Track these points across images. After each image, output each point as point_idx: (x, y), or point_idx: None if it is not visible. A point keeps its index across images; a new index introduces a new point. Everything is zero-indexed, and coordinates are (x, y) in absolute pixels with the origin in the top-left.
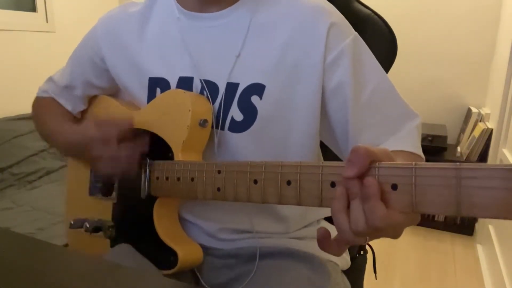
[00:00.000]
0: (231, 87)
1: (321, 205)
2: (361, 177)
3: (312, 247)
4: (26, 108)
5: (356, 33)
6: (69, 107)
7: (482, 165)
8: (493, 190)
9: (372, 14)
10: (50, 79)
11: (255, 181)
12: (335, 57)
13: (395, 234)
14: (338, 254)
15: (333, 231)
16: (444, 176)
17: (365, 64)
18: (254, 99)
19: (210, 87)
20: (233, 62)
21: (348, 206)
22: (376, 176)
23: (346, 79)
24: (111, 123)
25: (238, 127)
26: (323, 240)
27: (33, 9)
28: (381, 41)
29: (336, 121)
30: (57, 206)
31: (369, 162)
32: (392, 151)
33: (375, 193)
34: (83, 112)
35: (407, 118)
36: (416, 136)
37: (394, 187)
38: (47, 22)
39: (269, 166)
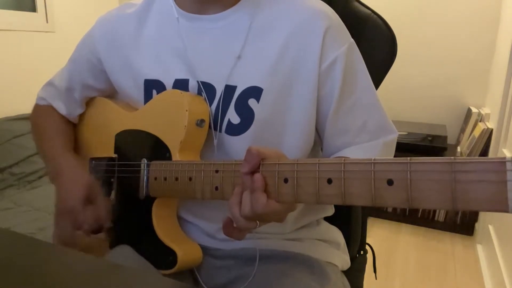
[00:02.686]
0: (229, 90)
1: (318, 202)
2: (253, 172)
3: (311, 249)
4: (26, 108)
5: (352, 40)
6: (64, 111)
7: (475, 159)
8: (487, 183)
9: (372, 14)
10: (49, 83)
11: None
12: (330, 64)
13: (278, 218)
14: (239, 238)
15: (332, 230)
16: (439, 171)
17: (355, 74)
18: (251, 102)
19: (207, 89)
20: (233, 64)
21: (241, 200)
22: (372, 172)
23: (335, 87)
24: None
25: (235, 130)
26: (226, 227)
27: (33, 9)
28: (381, 41)
29: (317, 123)
30: None
31: (259, 160)
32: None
33: (259, 186)
34: (81, 114)
35: (383, 132)
36: (379, 150)
37: (390, 182)
38: (47, 22)
39: (266, 165)
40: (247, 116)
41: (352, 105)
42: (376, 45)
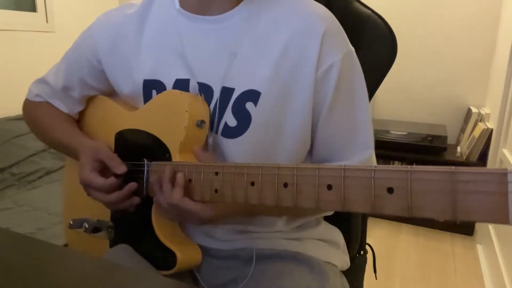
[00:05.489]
0: (226, 92)
1: (317, 207)
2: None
3: (311, 249)
4: None
5: (350, 47)
6: (65, 109)
7: (476, 169)
8: (488, 194)
9: (372, 14)
10: (42, 81)
11: (252, 183)
12: (325, 71)
13: (194, 219)
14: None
15: (332, 230)
16: (439, 180)
17: (350, 85)
18: (249, 105)
19: (205, 90)
20: (230, 66)
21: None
22: (372, 179)
23: (327, 95)
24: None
25: (231, 133)
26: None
27: (33, 9)
28: (381, 41)
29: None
30: (57, 206)
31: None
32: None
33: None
34: (81, 113)
35: (363, 147)
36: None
37: (390, 190)
38: (47, 22)
39: (266, 168)
40: (244, 119)
41: (343, 117)
42: (376, 45)
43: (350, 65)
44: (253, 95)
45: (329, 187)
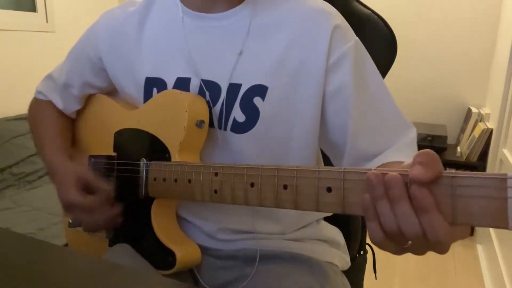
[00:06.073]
0: (234, 88)
1: (317, 209)
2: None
3: (311, 249)
4: (26, 108)
5: (357, 37)
6: (61, 105)
7: (476, 174)
8: (487, 199)
9: (372, 14)
10: (49, 76)
11: (252, 184)
12: (337, 59)
13: (444, 248)
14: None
15: (332, 230)
16: (439, 184)
17: (365, 68)
18: (257, 100)
19: (211, 88)
20: (236, 62)
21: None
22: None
23: (347, 81)
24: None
25: (240, 128)
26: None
27: (33, 9)
28: (381, 41)
29: (334, 124)
30: (57, 206)
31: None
32: (393, 162)
33: (431, 203)
34: (80, 111)
35: (403, 128)
36: (415, 147)
37: None
38: (47, 22)
39: (265, 170)
40: (252, 114)
41: (369, 101)
42: (376, 45)
43: (361, 51)
44: (260, 90)
45: (329, 189)
